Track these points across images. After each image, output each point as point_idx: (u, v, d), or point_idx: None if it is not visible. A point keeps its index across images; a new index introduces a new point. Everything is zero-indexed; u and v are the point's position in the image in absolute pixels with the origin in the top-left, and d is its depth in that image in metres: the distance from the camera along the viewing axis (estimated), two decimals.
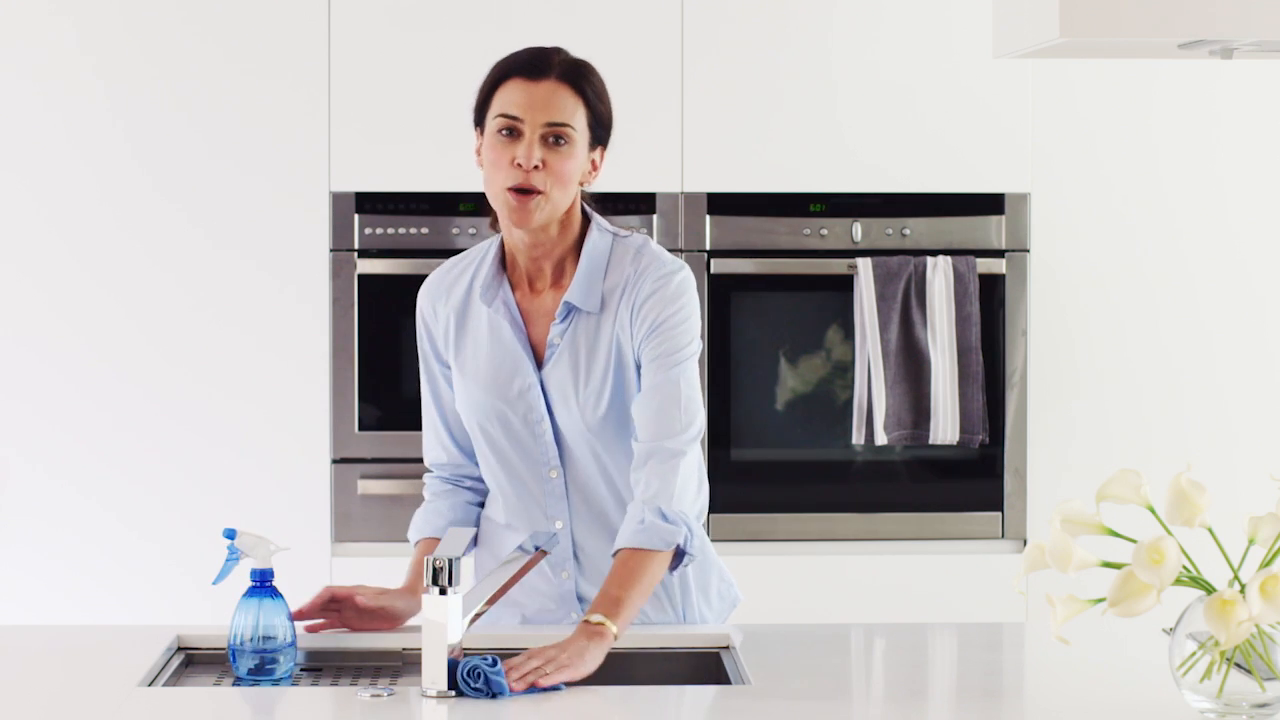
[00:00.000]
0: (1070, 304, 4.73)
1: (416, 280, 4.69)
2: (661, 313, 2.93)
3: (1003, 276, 4.70)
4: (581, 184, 2.94)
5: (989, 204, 4.71)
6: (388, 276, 4.65)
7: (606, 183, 3.33)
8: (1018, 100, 4.70)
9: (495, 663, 2.56)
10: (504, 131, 2.89)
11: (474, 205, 4.66)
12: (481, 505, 3.12)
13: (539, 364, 2.97)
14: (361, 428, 4.65)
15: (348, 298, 4.64)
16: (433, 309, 3.06)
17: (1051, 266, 4.72)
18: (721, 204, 4.67)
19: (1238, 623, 2.25)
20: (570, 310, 2.95)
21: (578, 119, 2.90)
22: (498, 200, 2.91)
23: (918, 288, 4.63)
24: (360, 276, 4.64)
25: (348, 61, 4.63)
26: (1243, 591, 2.27)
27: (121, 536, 4.63)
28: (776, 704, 2.58)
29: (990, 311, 4.70)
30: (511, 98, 2.89)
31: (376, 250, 4.66)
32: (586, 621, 2.73)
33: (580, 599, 3.03)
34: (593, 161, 2.96)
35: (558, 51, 2.95)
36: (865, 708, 2.59)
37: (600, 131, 2.95)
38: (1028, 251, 4.71)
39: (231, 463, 4.64)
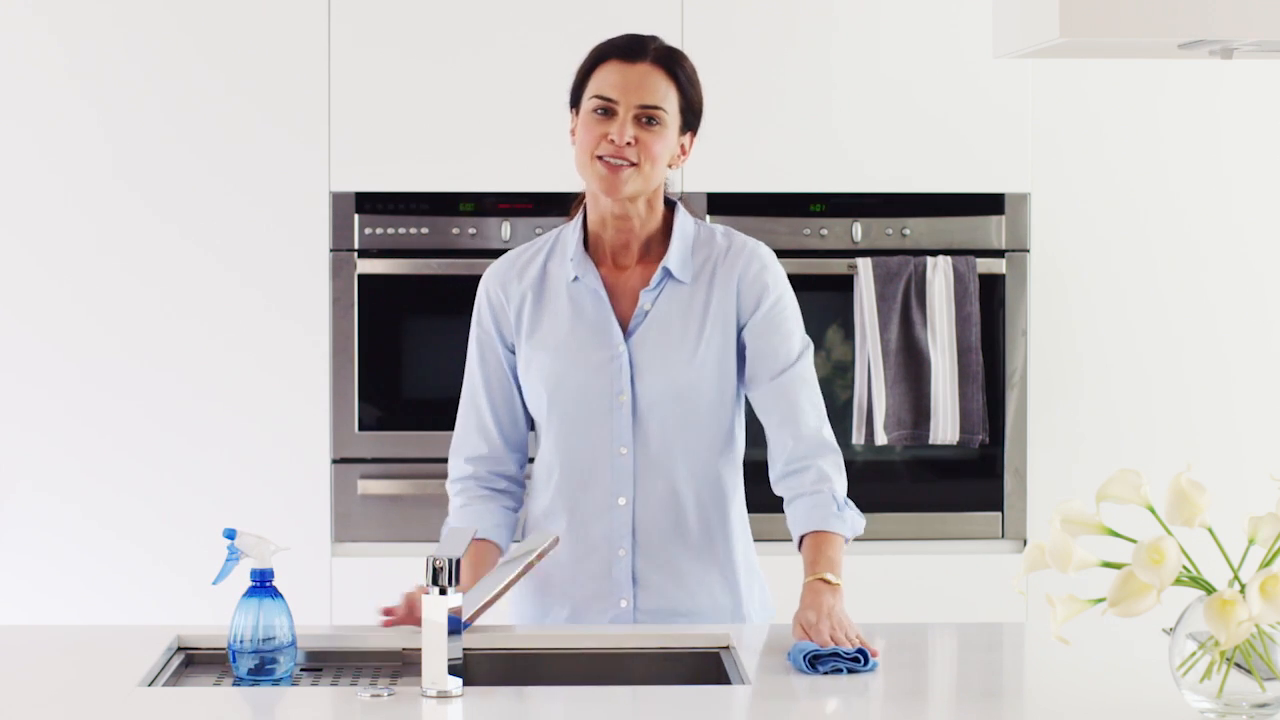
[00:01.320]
0: (1070, 304, 4.73)
1: (417, 280, 4.74)
2: (771, 299, 3.08)
3: (1003, 276, 4.70)
4: (670, 166, 3.05)
5: (989, 204, 4.71)
6: (388, 276, 4.65)
7: None
8: (1018, 100, 4.70)
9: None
10: (599, 111, 3.01)
11: (473, 205, 4.66)
12: (515, 511, 3.14)
13: (625, 335, 3.05)
14: (361, 428, 4.65)
15: (348, 298, 4.64)
16: (503, 289, 3.11)
17: (1051, 266, 4.72)
18: (721, 204, 4.66)
19: (1238, 623, 2.25)
20: (664, 277, 3.05)
21: (670, 102, 3.03)
22: (588, 170, 3.02)
23: (918, 288, 4.64)
24: (360, 276, 4.65)
25: (348, 61, 4.63)
26: (1243, 591, 2.27)
27: (121, 537, 4.63)
28: (776, 704, 2.58)
29: (990, 311, 4.70)
30: (608, 79, 3.02)
31: (376, 250, 4.66)
32: (823, 580, 2.89)
33: (635, 580, 3.06)
34: (682, 146, 3.08)
35: (653, 39, 3.08)
36: (865, 708, 2.59)
37: (691, 117, 3.07)
38: (1028, 251, 4.71)
39: (232, 462, 4.64)
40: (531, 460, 3.20)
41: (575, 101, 3.07)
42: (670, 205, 3.12)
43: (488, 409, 3.14)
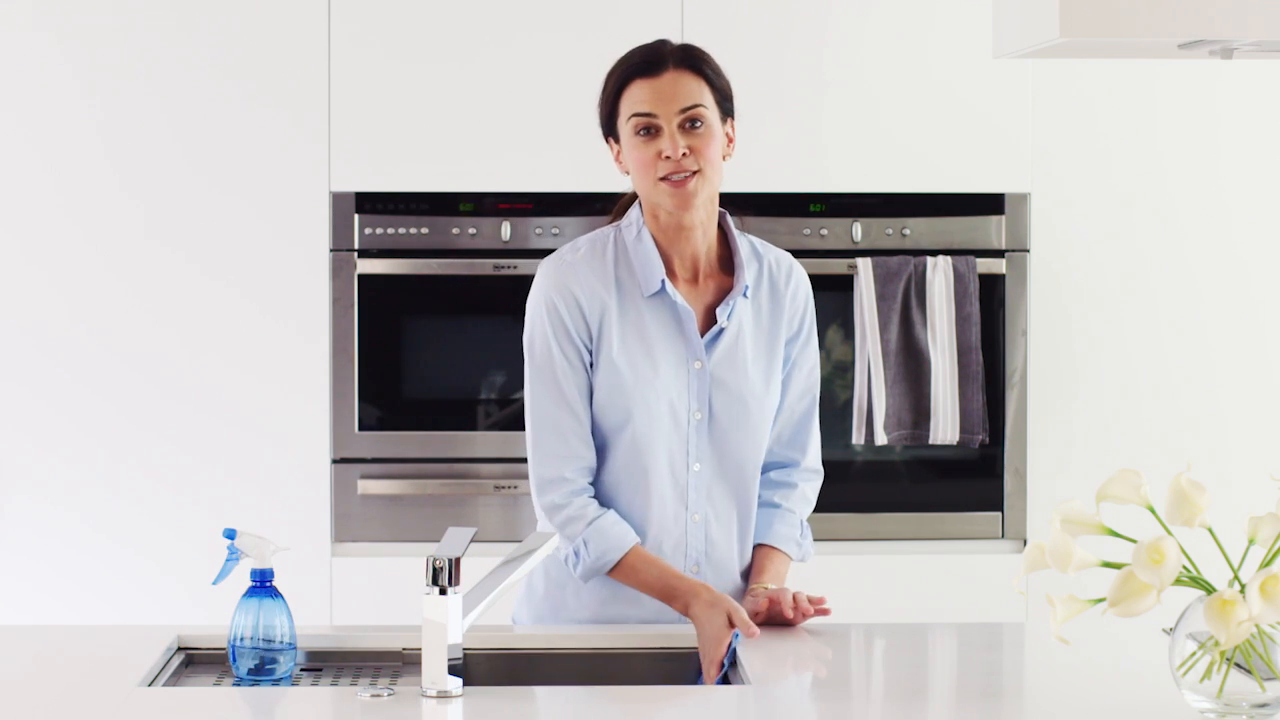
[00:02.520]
0: (1070, 304, 4.73)
1: (417, 280, 4.74)
2: (809, 317, 3.15)
3: (1003, 276, 4.70)
4: (725, 158, 3.05)
5: (989, 204, 4.71)
6: (388, 276, 4.65)
7: (607, 183, 3.34)
8: (1018, 100, 4.70)
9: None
10: (642, 131, 2.98)
11: (473, 205, 4.66)
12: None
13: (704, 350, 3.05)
14: (361, 428, 4.65)
15: (348, 298, 4.64)
16: (586, 293, 3.02)
17: (1051, 266, 4.72)
18: (721, 204, 4.65)
19: (1238, 623, 2.25)
20: (739, 294, 3.05)
21: (706, 98, 3.01)
22: (654, 194, 2.99)
23: (918, 288, 4.64)
24: (360, 276, 4.64)
25: (348, 61, 4.63)
26: (1243, 591, 2.27)
27: (122, 539, 4.63)
28: (776, 704, 2.58)
29: (990, 311, 4.70)
30: (640, 96, 2.99)
31: (376, 250, 4.66)
32: (767, 588, 3.02)
33: None
34: (728, 135, 3.06)
35: (664, 43, 3.05)
36: (865, 708, 2.59)
37: (726, 104, 3.06)
38: (1028, 251, 4.71)
39: (231, 463, 4.63)
40: None
41: (610, 129, 3.04)
42: (720, 219, 3.11)
43: (584, 417, 3.02)
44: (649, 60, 3.01)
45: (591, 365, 3.03)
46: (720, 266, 3.09)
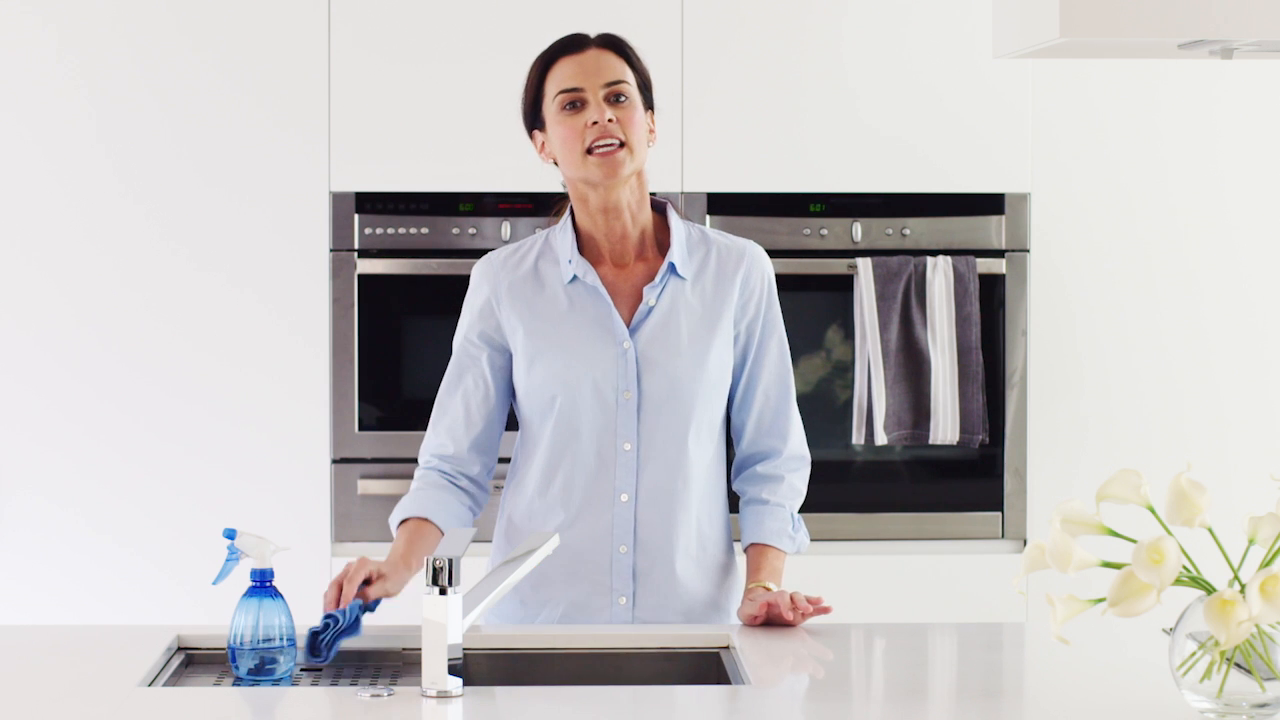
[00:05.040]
0: (1070, 304, 4.73)
1: (417, 280, 4.74)
2: (766, 301, 3.13)
3: (1003, 276, 4.70)
4: (649, 145, 3.08)
5: (989, 204, 4.71)
6: (388, 276, 4.65)
7: None
8: (1018, 100, 4.70)
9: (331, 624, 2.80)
10: (568, 106, 3.05)
11: (473, 205, 4.66)
12: (472, 510, 3.14)
13: (630, 332, 3.07)
14: (361, 428, 4.65)
15: (348, 298, 4.64)
16: (492, 291, 3.13)
17: (1052, 266, 4.72)
18: (721, 204, 4.66)
19: (1238, 623, 2.25)
20: (668, 273, 3.07)
21: (629, 76, 3.07)
22: (580, 168, 3.04)
23: (918, 288, 4.64)
24: (360, 276, 4.65)
25: (348, 61, 4.63)
26: (1243, 591, 2.27)
27: (122, 539, 4.63)
28: (776, 704, 2.58)
29: (990, 311, 4.70)
30: (566, 73, 3.07)
31: (376, 250, 4.66)
32: (765, 588, 3.04)
33: (635, 577, 3.08)
34: (649, 126, 3.10)
35: (585, 33, 3.14)
36: (865, 708, 2.59)
37: (648, 95, 3.11)
38: (1028, 251, 4.71)
39: (231, 463, 4.64)
40: (504, 461, 3.21)
41: (535, 118, 3.12)
42: (660, 209, 3.15)
43: (461, 412, 3.14)
44: (572, 41, 3.11)
45: (511, 357, 3.12)
46: (659, 252, 3.13)
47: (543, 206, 4.66)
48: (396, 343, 4.66)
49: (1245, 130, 4.74)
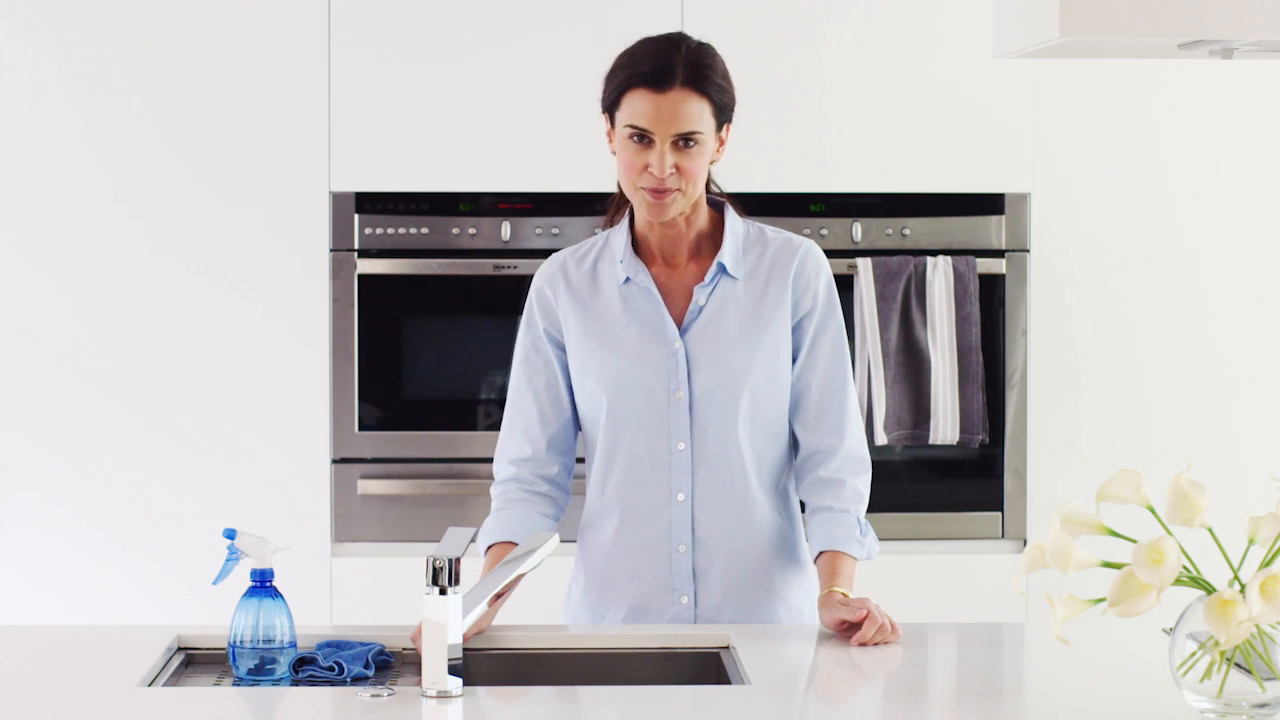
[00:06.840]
0: (1070, 304, 4.73)
1: (416, 280, 4.73)
2: (824, 296, 3.10)
3: (1003, 276, 4.70)
4: (711, 163, 3.05)
5: (989, 204, 4.71)
6: (388, 276, 4.65)
7: (607, 183, 3.34)
8: (1018, 100, 4.70)
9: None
10: (635, 138, 2.98)
11: (472, 205, 4.66)
12: (555, 516, 3.13)
13: (681, 332, 3.06)
14: (361, 428, 4.65)
15: (348, 298, 4.64)
16: (552, 290, 3.12)
17: (1052, 266, 4.72)
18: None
19: (1238, 623, 2.25)
20: (719, 273, 3.06)
21: (705, 121, 2.99)
22: (633, 195, 3.02)
23: (918, 288, 4.64)
24: (360, 276, 4.65)
25: (348, 61, 4.63)
26: (1243, 591, 2.27)
27: (122, 539, 4.63)
28: (776, 704, 2.58)
29: (990, 311, 4.70)
30: (639, 109, 2.97)
31: (376, 250, 4.66)
32: (842, 594, 2.98)
33: (695, 576, 3.07)
34: (720, 139, 3.05)
35: (677, 48, 3.01)
36: (865, 708, 2.59)
37: (725, 114, 3.03)
38: (1028, 251, 4.71)
39: (231, 463, 4.64)
40: (580, 461, 3.19)
41: (609, 111, 3.03)
42: (718, 206, 3.13)
43: (535, 412, 3.12)
44: (658, 75, 2.96)
45: (565, 354, 3.12)
46: (714, 250, 3.12)
47: (543, 206, 4.67)
48: (396, 343, 4.66)
49: (1245, 130, 4.74)
